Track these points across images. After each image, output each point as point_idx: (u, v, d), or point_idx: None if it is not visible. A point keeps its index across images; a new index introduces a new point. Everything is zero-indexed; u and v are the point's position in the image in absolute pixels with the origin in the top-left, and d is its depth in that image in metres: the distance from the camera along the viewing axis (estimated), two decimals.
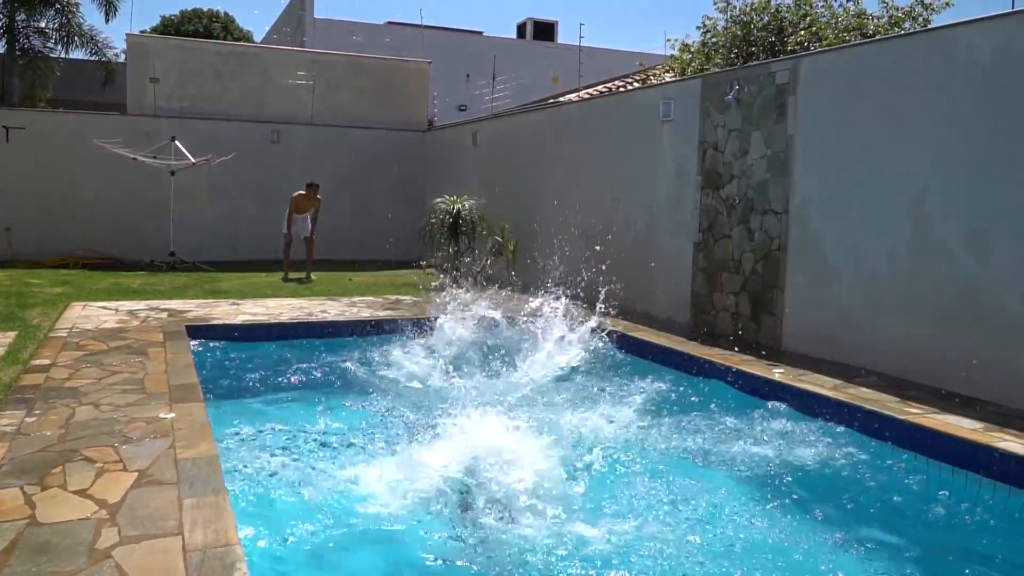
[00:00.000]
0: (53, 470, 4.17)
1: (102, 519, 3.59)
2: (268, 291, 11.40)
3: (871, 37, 11.02)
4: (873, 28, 12.49)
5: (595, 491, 4.76)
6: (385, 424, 6.09)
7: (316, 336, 8.70)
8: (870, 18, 12.63)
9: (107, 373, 6.28)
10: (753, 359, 7.47)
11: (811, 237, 7.79)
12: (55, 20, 22.13)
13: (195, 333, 8.03)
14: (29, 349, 7.05)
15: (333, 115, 17.20)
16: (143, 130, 15.01)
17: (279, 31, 27.73)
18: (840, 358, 7.36)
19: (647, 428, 5.97)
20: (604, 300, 7.83)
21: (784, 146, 8.00)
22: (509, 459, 4.57)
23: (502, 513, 4.27)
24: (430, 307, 10.23)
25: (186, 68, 16.53)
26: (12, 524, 3.53)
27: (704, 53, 14.38)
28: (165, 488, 3.95)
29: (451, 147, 16.34)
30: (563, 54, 27.93)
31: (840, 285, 7.49)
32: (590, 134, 11.51)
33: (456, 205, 12.99)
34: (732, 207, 8.68)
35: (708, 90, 9.08)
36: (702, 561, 4.02)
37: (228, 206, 16.00)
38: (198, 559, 3.24)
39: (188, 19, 37.31)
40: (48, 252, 14.45)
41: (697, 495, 4.77)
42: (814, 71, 7.82)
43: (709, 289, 9.04)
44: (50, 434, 4.76)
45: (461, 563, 3.94)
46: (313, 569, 3.95)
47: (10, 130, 14.58)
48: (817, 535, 4.39)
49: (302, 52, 19.35)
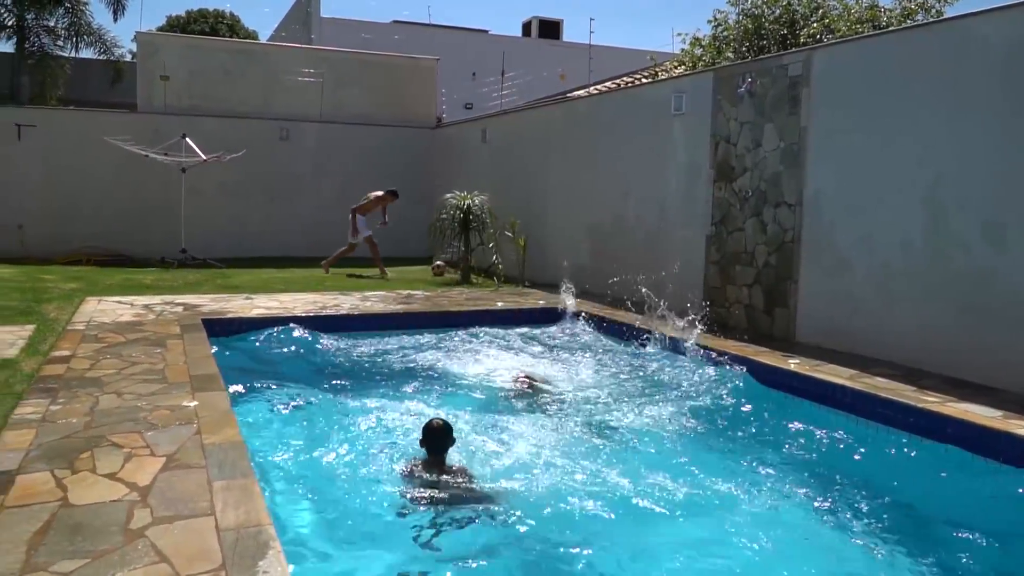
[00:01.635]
0: (82, 455, 4.21)
1: (134, 501, 3.64)
2: (280, 286, 11.45)
3: (884, 29, 11.01)
4: (886, 20, 12.49)
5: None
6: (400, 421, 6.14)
7: (331, 329, 8.74)
8: (883, 10, 12.62)
9: (127, 364, 6.32)
10: (767, 350, 7.49)
11: (824, 229, 7.80)
12: (64, 19, 22.22)
13: (211, 326, 8.05)
14: (49, 341, 7.10)
15: (342, 112, 17.24)
16: (153, 127, 15.07)
17: (286, 29, 27.79)
18: (854, 349, 7.39)
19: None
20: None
21: (797, 138, 8.02)
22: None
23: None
24: (444, 302, 10.30)
25: (196, 66, 16.58)
26: (45, 506, 3.58)
27: (715, 47, 14.40)
28: (194, 471, 3.99)
29: (459, 144, 16.38)
30: (569, 52, 27.98)
31: (854, 276, 7.51)
32: (600, 129, 11.53)
33: (467, 201, 13.02)
34: (745, 200, 8.69)
35: (720, 83, 9.11)
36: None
37: (238, 203, 16.06)
38: (232, 538, 3.27)
39: (194, 19, 37.42)
40: (59, 249, 14.52)
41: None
42: (828, 63, 7.83)
43: (722, 282, 9.06)
44: (76, 421, 4.80)
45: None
46: (336, 547, 4.00)
47: (21, 127, 14.63)
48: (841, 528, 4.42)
49: (311, 50, 19.39)
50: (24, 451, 4.25)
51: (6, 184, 14.58)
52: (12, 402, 5.15)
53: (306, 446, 5.19)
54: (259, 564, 3.08)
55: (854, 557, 4.11)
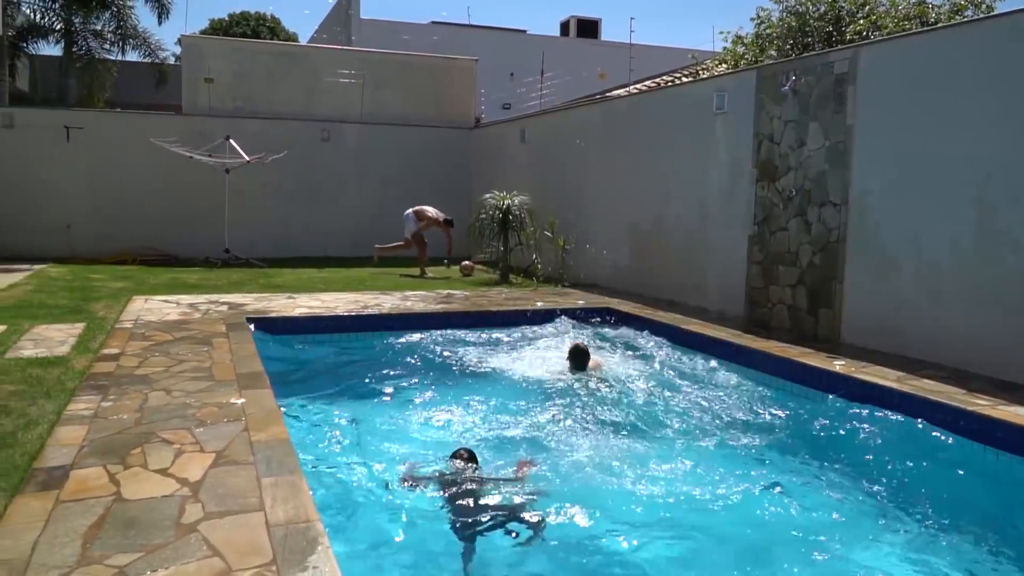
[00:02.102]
0: (133, 451, 4.29)
1: (185, 496, 3.70)
2: (322, 286, 11.57)
3: (932, 25, 10.82)
4: (934, 16, 12.27)
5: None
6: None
7: (372, 328, 8.81)
8: (931, 6, 12.40)
9: (175, 362, 6.43)
10: (812, 351, 7.40)
11: (871, 228, 7.69)
12: (111, 23, 22.65)
13: (255, 325, 8.16)
14: (98, 339, 7.24)
15: (381, 113, 17.36)
16: (198, 129, 15.31)
17: (327, 31, 28.05)
18: (900, 350, 7.27)
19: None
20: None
21: (843, 136, 7.91)
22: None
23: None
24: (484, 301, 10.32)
25: (239, 68, 16.81)
26: (99, 500, 3.65)
27: (758, 45, 14.26)
28: (243, 468, 4.05)
29: (498, 144, 16.41)
30: (608, 51, 27.87)
31: (901, 276, 7.39)
32: (640, 128, 11.48)
33: (506, 201, 13.03)
34: (788, 199, 8.59)
35: (763, 81, 9.01)
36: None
37: (280, 204, 16.25)
38: (281, 534, 3.31)
39: (236, 22, 37.96)
40: (106, 249, 14.81)
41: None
42: (874, 60, 7.71)
43: (765, 282, 8.96)
44: (127, 418, 4.89)
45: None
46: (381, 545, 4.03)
47: (70, 130, 14.95)
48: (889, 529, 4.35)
49: (351, 51, 19.55)
50: (77, 447, 4.34)
51: (55, 185, 14.90)
52: (65, 398, 5.26)
53: (350, 445, 5.24)
54: (309, 559, 3.11)
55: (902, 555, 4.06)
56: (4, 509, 3.51)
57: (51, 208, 14.87)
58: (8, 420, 4.76)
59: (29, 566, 3.02)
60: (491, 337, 8.83)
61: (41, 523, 3.38)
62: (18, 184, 14.51)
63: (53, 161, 14.89)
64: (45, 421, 4.75)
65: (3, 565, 3.02)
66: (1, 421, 4.74)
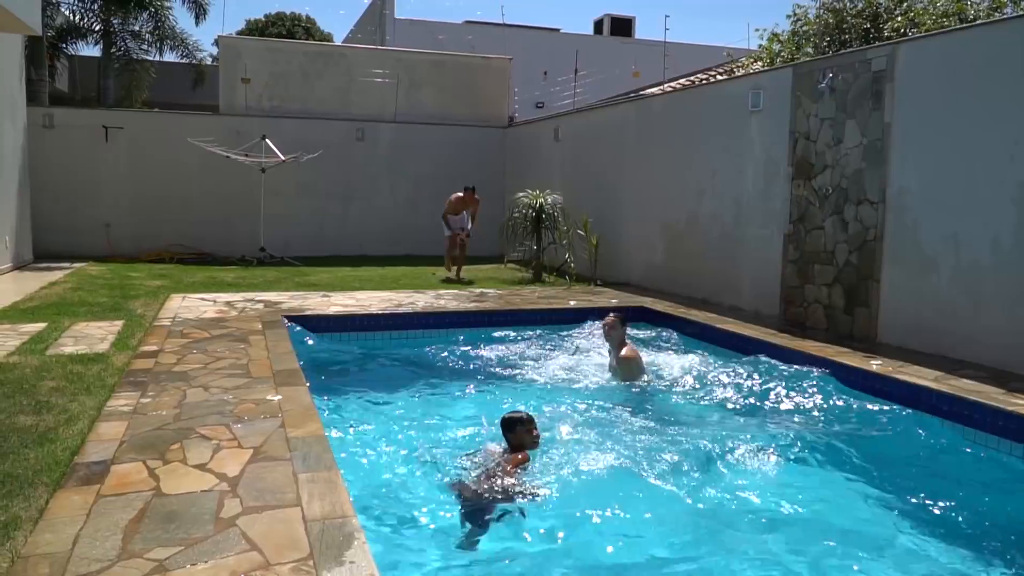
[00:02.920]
0: (172, 446, 4.36)
1: (224, 491, 3.75)
2: (356, 284, 11.65)
3: (971, 22, 10.63)
4: (973, 13, 12.05)
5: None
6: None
7: (406, 327, 8.86)
8: (970, 3, 12.18)
9: (212, 359, 6.52)
10: (849, 351, 7.31)
11: (909, 227, 7.58)
12: (149, 23, 22.98)
13: (291, 323, 8.24)
14: (137, 336, 7.36)
15: (415, 113, 17.46)
16: (235, 129, 15.51)
17: (361, 31, 28.23)
18: (938, 350, 7.16)
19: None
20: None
21: (881, 134, 7.80)
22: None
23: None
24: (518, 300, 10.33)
25: (275, 68, 16.99)
26: (139, 495, 3.71)
27: (794, 42, 14.12)
28: (280, 464, 4.10)
29: (532, 143, 16.41)
30: (642, 49, 27.73)
31: (939, 276, 7.27)
32: (675, 126, 11.42)
33: (539, 199, 13.03)
34: (825, 197, 8.50)
35: (800, 79, 8.92)
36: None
37: (314, 202, 16.41)
38: (318, 529, 3.35)
39: (272, 22, 38.37)
40: (144, 247, 15.05)
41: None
42: (913, 57, 7.60)
43: (800, 281, 8.87)
44: (165, 414, 4.97)
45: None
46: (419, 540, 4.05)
47: (109, 130, 15.21)
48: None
49: (385, 51, 19.66)
50: (118, 442, 4.42)
51: (94, 184, 15.17)
52: (105, 394, 5.36)
53: (386, 440, 5.27)
54: (345, 554, 3.14)
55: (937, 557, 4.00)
56: (46, 503, 3.58)
57: (90, 207, 15.15)
58: (50, 416, 4.86)
59: (71, 559, 3.08)
60: (525, 336, 8.85)
61: (82, 517, 3.45)
62: (58, 184, 14.79)
63: (92, 161, 15.16)
64: (86, 417, 4.85)
65: (45, 558, 3.09)
66: (43, 417, 4.84)
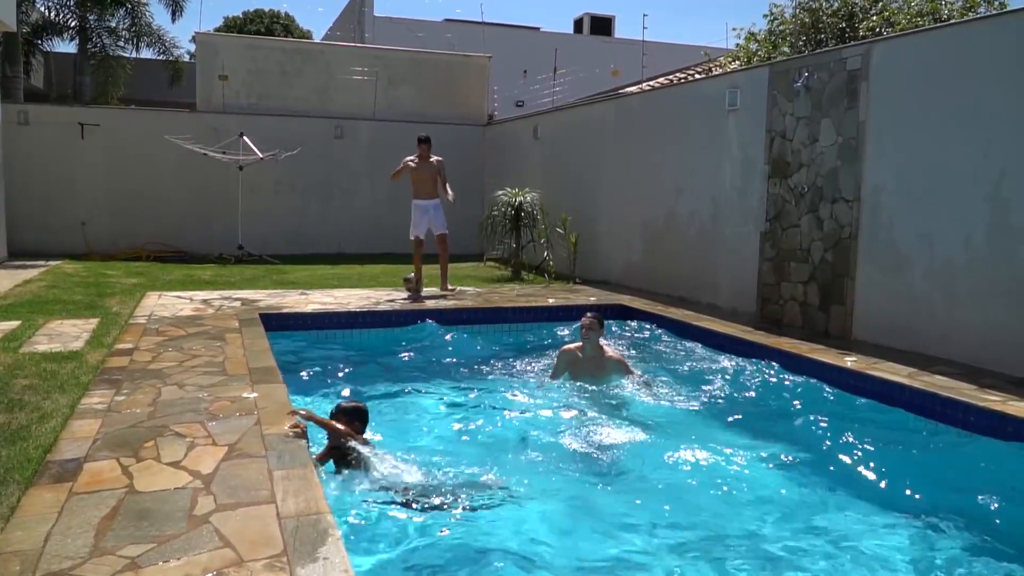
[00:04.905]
0: (146, 444, 4.33)
1: (197, 488, 3.73)
2: (334, 282, 11.61)
3: (945, 22, 10.75)
4: (947, 13, 12.20)
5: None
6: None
7: (384, 325, 8.85)
8: (944, 2, 12.33)
9: (188, 356, 6.47)
10: (824, 348, 7.37)
11: (883, 225, 7.65)
12: (125, 20, 22.78)
13: (268, 320, 8.20)
14: (112, 334, 7.30)
15: (395, 110, 17.41)
16: (213, 126, 15.40)
17: (340, 29, 28.13)
18: (913, 347, 7.24)
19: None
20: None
21: (856, 133, 7.87)
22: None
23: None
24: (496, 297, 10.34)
25: (253, 66, 16.88)
26: (112, 492, 3.69)
27: (771, 41, 14.22)
28: (254, 461, 4.08)
29: (511, 141, 16.41)
30: (621, 48, 27.84)
31: (913, 273, 7.36)
32: (653, 125, 11.46)
33: (518, 198, 13.05)
34: (801, 195, 8.57)
35: (776, 78, 8.98)
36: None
37: (293, 200, 16.33)
38: (292, 526, 3.34)
39: (250, 20, 38.17)
40: (120, 245, 14.91)
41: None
42: (888, 56, 7.68)
43: (776, 279, 8.94)
44: (139, 411, 4.94)
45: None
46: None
47: (85, 127, 15.05)
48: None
49: (364, 49, 19.60)
50: (91, 439, 4.39)
51: (70, 182, 15.01)
52: (79, 392, 5.31)
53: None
54: (319, 550, 3.14)
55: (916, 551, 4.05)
56: (18, 501, 3.55)
57: (66, 205, 14.98)
58: (22, 414, 4.82)
59: (42, 556, 3.06)
60: (503, 333, 8.87)
61: (54, 515, 3.42)
62: (33, 181, 14.61)
63: (68, 158, 15.00)
64: (59, 415, 4.80)
65: (16, 555, 3.06)
66: (15, 415, 4.80)
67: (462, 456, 5.09)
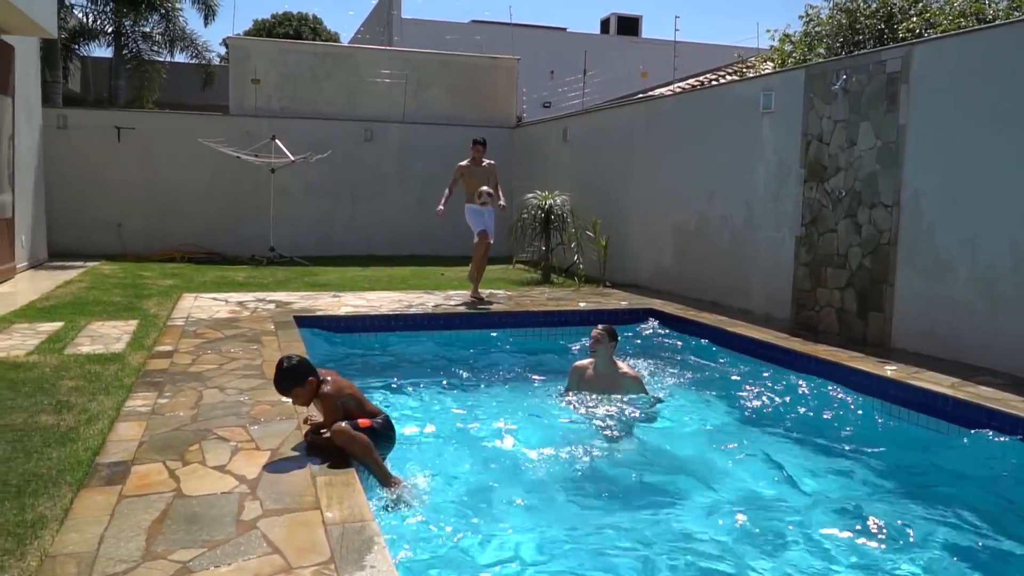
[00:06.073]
0: (191, 447, 4.37)
1: (244, 493, 3.76)
2: (365, 284, 11.67)
3: (990, 22, 10.57)
4: (992, 13, 12.00)
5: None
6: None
7: (415, 328, 8.87)
8: (988, 3, 12.13)
9: (226, 359, 6.53)
10: (862, 356, 7.29)
11: (924, 230, 7.55)
12: (159, 25, 23.06)
13: (303, 323, 8.25)
14: (151, 336, 7.39)
15: (424, 113, 17.46)
16: (245, 129, 15.54)
17: (369, 31, 28.27)
18: (954, 356, 7.13)
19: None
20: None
21: (895, 136, 7.78)
22: None
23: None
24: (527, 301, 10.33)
25: (285, 69, 17.00)
26: (160, 496, 3.72)
27: (806, 43, 14.08)
28: (297, 466, 4.11)
29: (540, 143, 16.40)
30: (649, 48, 27.72)
31: (955, 280, 7.25)
32: (684, 128, 11.41)
33: (548, 200, 13.03)
34: (838, 200, 8.48)
35: (812, 80, 8.90)
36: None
37: (323, 202, 16.43)
38: (338, 532, 3.35)
39: (279, 22, 38.51)
40: (154, 246, 15.09)
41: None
42: (929, 58, 7.57)
43: (812, 284, 8.85)
44: (182, 414, 4.99)
45: None
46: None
47: (121, 130, 15.25)
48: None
49: (394, 51, 19.68)
50: (137, 442, 4.44)
51: (107, 184, 15.22)
52: (123, 395, 5.38)
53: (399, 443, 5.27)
54: (366, 559, 3.15)
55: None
56: (71, 503, 3.60)
57: (102, 207, 15.19)
58: (70, 415, 4.88)
59: (97, 559, 3.09)
60: (533, 338, 8.86)
61: (106, 517, 3.46)
62: (72, 183, 14.84)
63: (104, 161, 15.21)
64: (105, 417, 4.86)
65: (72, 558, 3.10)
66: (63, 416, 4.87)
67: (457, 468, 5.02)
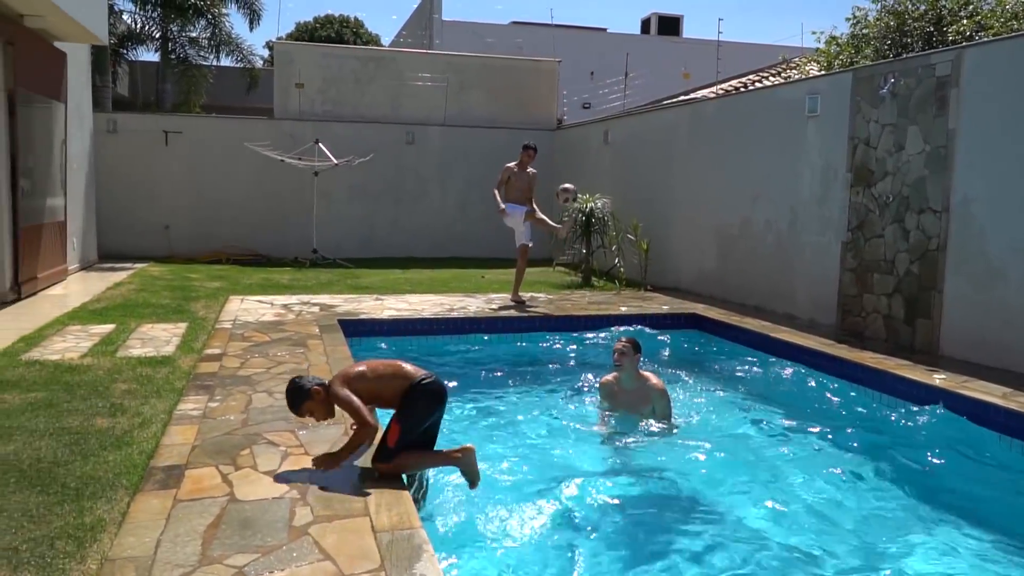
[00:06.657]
0: (242, 452, 4.46)
1: (295, 498, 3.82)
2: (407, 287, 11.76)
3: None
4: None
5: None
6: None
7: (457, 332, 8.92)
8: None
9: (274, 363, 6.64)
10: (909, 364, 7.18)
11: (974, 237, 7.42)
12: (206, 30, 23.46)
13: (347, 327, 8.34)
14: (200, 339, 7.53)
15: (465, 116, 17.54)
16: (289, 133, 15.76)
17: (410, 34, 28.47)
18: (1004, 364, 7.00)
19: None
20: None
21: (944, 141, 7.66)
22: None
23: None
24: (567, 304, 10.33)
25: (328, 73, 17.20)
26: (214, 500, 3.80)
27: (853, 45, 13.89)
28: (345, 472, 4.16)
29: (580, 145, 16.39)
30: (690, 49, 27.54)
31: (1007, 287, 7.11)
32: (728, 130, 11.32)
33: (589, 204, 13.02)
34: (885, 205, 8.37)
35: (859, 83, 8.79)
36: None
37: (365, 205, 16.59)
38: (387, 540, 3.40)
39: (321, 25, 38.95)
40: (200, 248, 15.37)
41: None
42: (980, 62, 7.44)
43: (858, 290, 8.74)
44: (233, 419, 5.08)
45: None
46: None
47: (168, 134, 15.55)
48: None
49: (435, 55, 19.79)
50: (190, 446, 4.53)
51: (154, 187, 15.52)
52: (175, 398, 5.50)
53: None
54: (415, 566, 3.19)
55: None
56: (127, 507, 3.69)
57: (150, 209, 15.50)
58: (124, 419, 5.00)
59: (155, 563, 3.18)
60: (576, 342, 8.86)
61: (162, 522, 3.55)
62: (121, 186, 15.16)
63: (152, 164, 15.52)
64: (158, 420, 4.98)
65: (131, 562, 3.19)
66: (118, 419, 4.99)
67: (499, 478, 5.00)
